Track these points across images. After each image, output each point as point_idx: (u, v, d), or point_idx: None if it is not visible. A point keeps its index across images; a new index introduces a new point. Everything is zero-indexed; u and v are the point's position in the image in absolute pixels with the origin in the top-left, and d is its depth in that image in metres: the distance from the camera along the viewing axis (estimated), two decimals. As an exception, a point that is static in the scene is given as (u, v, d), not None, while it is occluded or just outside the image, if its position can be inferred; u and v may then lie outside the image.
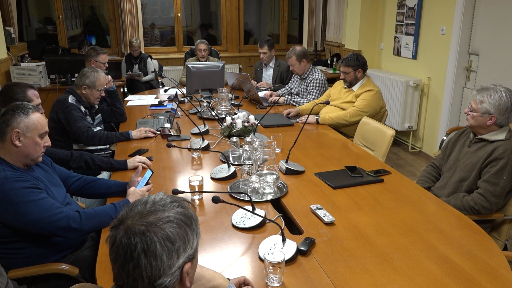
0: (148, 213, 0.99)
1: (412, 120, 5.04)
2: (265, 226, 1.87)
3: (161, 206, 1.01)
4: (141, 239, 0.95)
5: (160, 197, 1.05)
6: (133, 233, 0.96)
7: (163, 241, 0.96)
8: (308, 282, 1.50)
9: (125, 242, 0.96)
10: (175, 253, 0.97)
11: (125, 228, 0.97)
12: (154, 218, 0.98)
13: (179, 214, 1.01)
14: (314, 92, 4.07)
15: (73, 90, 3.09)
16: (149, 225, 0.97)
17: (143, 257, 0.95)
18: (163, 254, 0.96)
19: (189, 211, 1.04)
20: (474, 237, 1.79)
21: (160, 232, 0.96)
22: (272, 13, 7.76)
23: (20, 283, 1.82)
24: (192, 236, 1.02)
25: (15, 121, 1.79)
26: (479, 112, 2.29)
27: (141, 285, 0.96)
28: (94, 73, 3.10)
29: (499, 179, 2.21)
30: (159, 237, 0.96)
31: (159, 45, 7.18)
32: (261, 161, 2.28)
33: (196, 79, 4.18)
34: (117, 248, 0.97)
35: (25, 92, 2.51)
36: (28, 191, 1.75)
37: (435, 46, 4.72)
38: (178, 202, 1.04)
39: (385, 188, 2.28)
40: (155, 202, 1.03)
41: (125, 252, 0.95)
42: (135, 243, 0.95)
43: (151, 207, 1.01)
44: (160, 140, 3.08)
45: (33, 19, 6.87)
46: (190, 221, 1.02)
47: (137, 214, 0.99)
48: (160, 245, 0.96)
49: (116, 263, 0.98)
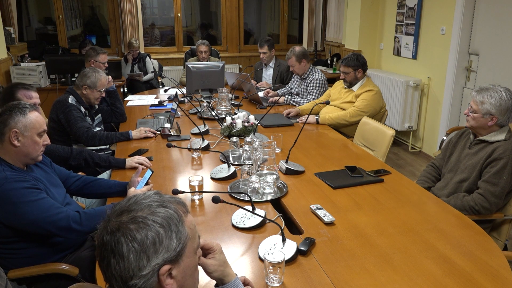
0: (123, 212, 0.98)
1: (412, 120, 5.04)
2: (265, 226, 1.87)
3: (137, 206, 0.98)
4: (111, 238, 0.95)
5: (146, 195, 1.01)
6: (106, 232, 0.96)
7: (130, 242, 0.94)
8: (308, 282, 1.50)
9: (100, 240, 0.97)
10: (144, 254, 0.94)
11: (104, 225, 0.97)
12: (127, 217, 0.96)
13: (154, 215, 0.96)
14: (314, 92, 4.07)
15: (73, 91, 3.10)
16: (120, 224, 0.95)
17: (112, 256, 0.94)
18: (130, 255, 0.93)
19: (170, 212, 0.98)
20: (474, 237, 1.79)
21: (128, 232, 0.94)
22: (272, 13, 7.75)
23: (20, 283, 1.82)
24: (169, 238, 0.96)
25: (12, 121, 1.79)
26: (480, 113, 2.29)
27: (116, 284, 0.96)
28: (95, 74, 3.11)
29: (499, 179, 2.21)
30: (125, 237, 0.94)
31: (159, 45, 7.18)
32: (261, 161, 2.28)
33: (196, 79, 4.18)
34: (97, 246, 0.98)
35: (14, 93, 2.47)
36: (28, 191, 1.75)
37: (435, 46, 4.72)
38: (160, 203, 0.99)
39: (385, 188, 2.28)
40: (137, 201, 1.00)
41: (101, 250, 0.96)
42: (106, 242, 0.95)
43: (130, 205, 0.99)
44: (160, 140, 3.08)
45: (33, 19, 6.86)
46: (168, 223, 0.97)
47: (115, 212, 0.99)
48: (127, 246, 0.93)
49: (100, 265, 0.99)
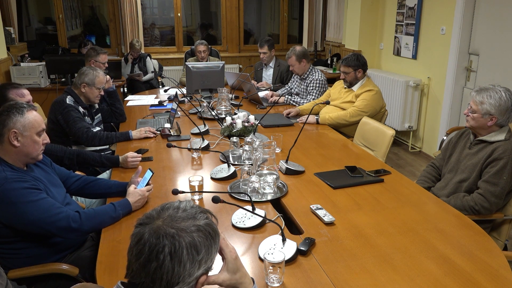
0: (179, 218, 1.00)
1: (412, 120, 5.04)
2: (265, 226, 1.87)
3: (191, 214, 1.03)
4: (170, 242, 0.96)
5: (190, 205, 1.06)
6: (163, 234, 0.96)
7: (190, 248, 0.97)
8: (308, 282, 1.50)
9: (153, 241, 0.96)
10: (198, 263, 0.98)
11: (155, 228, 0.98)
12: (185, 224, 0.99)
13: (207, 226, 1.02)
14: (314, 93, 4.07)
15: (71, 90, 3.09)
16: (180, 230, 0.98)
17: (168, 259, 0.95)
18: (188, 261, 0.97)
19: (214, 225, 1.06)
20: (474, 237, 1.79)
21: (189, 239, 0.97)
22: (272, 13, 7.75)
23: (20, 283, 1.82)
24: (214, 249, 1.03)
25: (11, 122, 1.78)
26: (479, 113, 2.28)
27: (155, 285, 0.96)
28: (93, 71, 3.11)
29: (499, 179, 2.21)
30: (187, 243, 0.97)
31: (159, 45, 7.18)
32: (261, 161, 2.28)
33: (196, 79, 4.18)
34: (143, 245, 0.97)
35: (6, 95, 2.47)
36: (28, 192, 1.75)
37: (435, 46, 4.72)
38: (206, 214, 1.06)
39: (385, 188, 2.28)
40: (185, 209, 1.04)
41: (151, 251, 0.96)
42: (163, 245, 0.95)
43: (182, 212, 1.02)
44: (160, 140, 3.08)
45: (33, 19, 6.86)
46: (215, 234, 1.04)
47: (168, 217, 1.00)
48: (187, 251, 0.97)
49: (138, 260, 0.97)
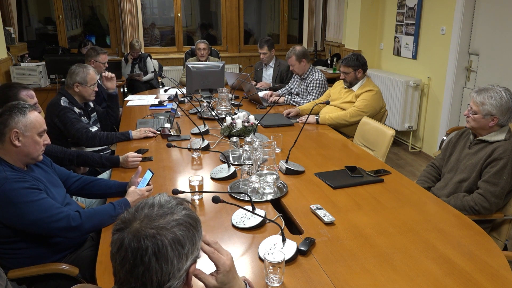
0: (157, 216, 0.97)
1: (412, 120, 5.04)
2: (265, 226, 1.87)
3: (168, 209, 1.00)
4: (152, 243, 0.93)
5: (165, 199, 1.03)
6: (144, 237, 0.93)
7: (173, 244, 0.95)
8: (308, 282, 1.50)
9: (134, 245, 0.93)
10: (185, 256, 0.97)
11: (134, 231, 0.95)
12: (164, 221, 0.97)
13: (186, 217, 1.00)
14: (314, 93, 4.07)
15: (65, 91, 3.05)
16: (159, 229, 0.95)
17: (154, 260, 0.93)
18: (174, 257, 0.95)
19: (193, 213, 1.04)
20: (474, 237, 1.79)
21: (170, 235, 0.95)
22: (272, 13, 7.75)
23: (20, 283, 1.82)
24: (198, 237, 1.02)
25: (13, 122, 1.79)
26: (480, 114, 2.28)
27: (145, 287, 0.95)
28: (83, 69, 3.05)
29: (499, 179, 2.21)
30: (169, 240, 0.95)
31: (159, 45, 7.18)
32: (261, 161, 2.28)
33: (196, 79, 4.18)
34: (125, 252, 0.94)
35: (17, 94, 2.43)
36: (28, 192, 1.75)
37: (435, 46, 4.72)
38: (183, 204, 1.03)
39: (385, 188, 2.28)
40: (161, 204, 1.01)
41: (135, 256, 0.93)
42: (146, 247, 0.93)
43: (158, 209, 0.99)
44: (160, 140, 3.08)
45: (33, 19, 6.86)
46: (195, 223, 1.02)
47: (145, 217, 0.97)
48: (171, 248, 0.95)
49: (123, 267, 0.95)
